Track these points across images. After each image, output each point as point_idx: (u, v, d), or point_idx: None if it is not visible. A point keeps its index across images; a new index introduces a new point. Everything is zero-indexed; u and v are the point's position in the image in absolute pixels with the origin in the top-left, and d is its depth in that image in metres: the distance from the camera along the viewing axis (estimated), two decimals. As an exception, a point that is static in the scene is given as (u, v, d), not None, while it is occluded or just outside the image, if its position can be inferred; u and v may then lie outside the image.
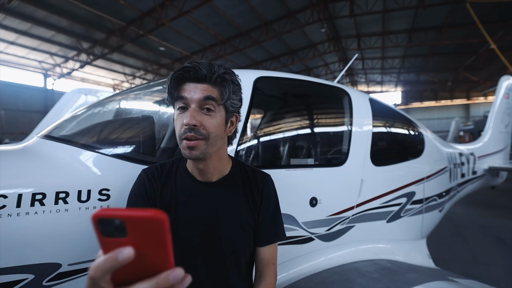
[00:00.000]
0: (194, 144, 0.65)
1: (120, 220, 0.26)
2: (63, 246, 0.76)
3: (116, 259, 0.26)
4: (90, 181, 0.83)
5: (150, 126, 1.12)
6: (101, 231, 0.27)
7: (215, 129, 0.68)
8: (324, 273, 1.17)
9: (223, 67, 0.70)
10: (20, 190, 0.73)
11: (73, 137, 1.11)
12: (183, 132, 0.65)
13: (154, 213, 0.26)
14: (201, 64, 0.67)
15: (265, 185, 0.79)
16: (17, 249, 0.70)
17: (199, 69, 0.66)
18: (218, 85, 0.69)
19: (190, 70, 0.66)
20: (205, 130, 0.66)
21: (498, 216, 4.51)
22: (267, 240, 0.78)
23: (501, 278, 2.49)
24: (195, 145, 0.65)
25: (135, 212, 0.26)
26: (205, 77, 0.67)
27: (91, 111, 1.36)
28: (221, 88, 0.69)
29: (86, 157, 0.93)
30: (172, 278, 0.28)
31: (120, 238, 0.27)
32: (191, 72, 0.66)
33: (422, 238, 1.82)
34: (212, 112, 0.68)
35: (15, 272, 0.69)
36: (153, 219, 0.26)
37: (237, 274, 0.74)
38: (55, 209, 0.75)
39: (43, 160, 0.91)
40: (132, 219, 0.26)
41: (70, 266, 0.76)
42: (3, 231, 0.69)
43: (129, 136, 1.12)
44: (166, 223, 0.27)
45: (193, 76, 0.67)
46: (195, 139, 0.65)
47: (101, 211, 0.26)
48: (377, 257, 1.34)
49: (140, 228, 0.26)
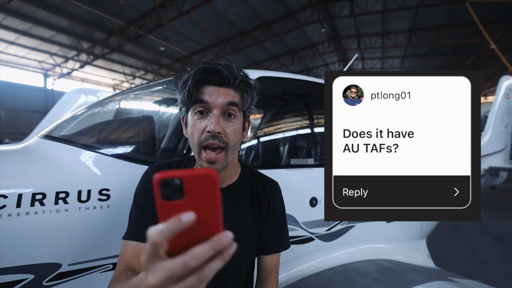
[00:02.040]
0: (215, 159, 0.63)
1: (180, 180, 0.27)
2: (63, 246, 0.76)
3: (181, 222, 0.26)
4: (90, 181, 0.83)
5: (150, 126, 1.12)
6: (161, 194, 0.27)
7: (235, 137, 0.66)
8: (324, 273, 1.17)
9: (242, 71, 0.67)
10: (20, 190, 0.73)
11: (73, 137, 1.11)
12: (204, 139, 0.62)
13: (208, 171, 0.28)
14: (223, 66, 0.64)
15: (273, 194, 0.77)
16: (17, 249, 0.70)
17: (222, 72, 0.63)
18: (240, 90, 0.66)
19: (213, 72, 0.63)
20: (227, 138, 0.63)
21: (498, 216, 4.51)
22: (272, 249, 0.76)
23: (501, 278, 2.49)
24: (216, 159, 0.63)
25: (191, 171, 0.27)
26: (228, 81, 0.64)
27: (91, 111, 1.36)
28: (243, 93, 0.67)
29: (86, 157, 0.93)
30: (225, 240, 0.28)
31: (178, 201, 0.27)
32: (214, 74, 0.63)
33: (422, 238, 1.82)
34: (234, 119, 0.65)
35: (15, 272, 0.69)
36: (208, 176, 0.27)
37: (238, 282, 0.73)
38: (55, 209, 0.75)
39: (43, 160, 0.91)
40: (190, 177, 0.27)
41: (70, 266, 0.76)
42: (3, 231, 0.69)
43: (129, 136, 1.12)
44: (218, 180, 0.28)
45: (215, 79, 0.63)
46: (217, 146, 0.63)
47: (162, 173, 0.27)
48: (377, 257, 1.34)
49: (196, 188, 0.27)
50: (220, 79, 0.63)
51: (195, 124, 0.64)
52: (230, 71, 0.64)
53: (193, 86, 0.62)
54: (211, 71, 0.63)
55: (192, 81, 0.62)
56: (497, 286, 1.07)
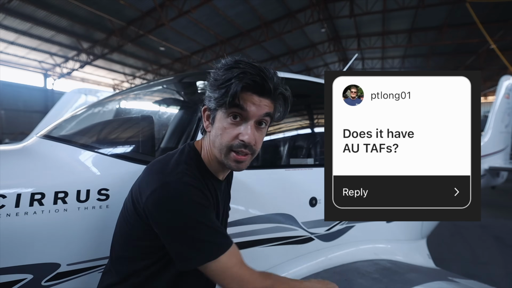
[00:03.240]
0: (244, 159, 0.65)
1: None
2: (62, 246, 0.76)
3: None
4: (89, 181, 0.83)
5: (150, 126, 1.12)
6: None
7: (260, 144, 0.68)
8: (324, 273, 1.16)
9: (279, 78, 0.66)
10: (19, 190, 0.73)
11: (72, 137, 1.10)
12: (236, 146, 0.64)
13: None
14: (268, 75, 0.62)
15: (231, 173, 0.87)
16: (16, 249, 0.70)
17: (267, 81, 0.62)
18: (276, 101, 0.67)
19: (259, 82, 0.61)
20: (255, 147, 0.65)
21: (498, 216, 4.51)
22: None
23: (501, 278, 2.49)
24: (245, 160, 0.65)
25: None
26: (270, 91, 0.63)
27: (90, 111, 1.36)
28: (277, 105, 0.68)
29: (85, 157, 0.92)
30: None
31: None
32: (259, 84, 0.61)
33: (422, 238, 1.81)
34: (264, 127, 0.67)
35: (14, 272, 0.69)
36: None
37: None
38: (54, 209, 0.75)
39: (42, 160, 0.91)
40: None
41: (69, 266, 0.76)
42: (2, 231, 0.68)
43: (129, 136, 1.12)
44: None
45: (259, 88, 0.62)
46: (246, 154, 0.65)
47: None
48: (377, 257, 1.34)
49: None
50: (263, 88, 0.62)
51: (227, 128, 0.64)
52: (272, 81, 0.63)
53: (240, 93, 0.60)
54: (258, 79, 0.61)
55: (239, 87, 0.59)
56: (497, 286, 1.06)
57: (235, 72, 0.60)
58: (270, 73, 0.63)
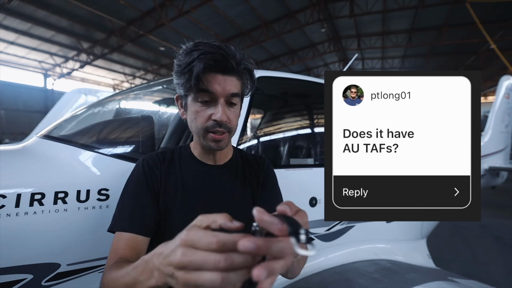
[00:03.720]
0: (222, 138, 0.66)
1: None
2: (62, 246, 0.76)
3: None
4: (89, 181, 0.83)
5: (150, 126, 1.12)
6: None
7: (235, 121, 0.69)
8: (324, 273, 1.16)
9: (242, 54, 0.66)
10: (19, 190, 0.73)
11: (72, 137, 1.10)
12: (210, 126, 0.65)
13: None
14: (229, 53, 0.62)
15: (265, 162, 0.83)
16: (16, 249, 0.70)
17: (229, 59, 0.61)
18: (241, 77, 0.67)
19: (220, 60, 0.61)
20: (230, 124, 0.67)
21: (498, 216, 4.51)
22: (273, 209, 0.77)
23: (501, 278, 2.49)
24: (222, 138, 0.66)
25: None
26: (233, 68, 0.63)
27: (90, 111, 1.36)
28: (244, 80, 0.68)
29: (85, 157, 0.92)
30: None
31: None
32: (221, 62, 0.61)
33: (422, 238, 1.81)
34: (235, 106, 0.68)
35: (14, 272, 0.69)
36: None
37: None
38: (54, 209, 0.75)
39: (42, 160, 0.91)
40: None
41: (69, 266, 0.76)
42: (2, 231, 0.68)
43: (129, 136, 1.12)
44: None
45: (221, 67, 0.62)
46: (222, 133, 0.66)
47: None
48: (377, 257, 1.34)
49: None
50: (225, 66, 0.62)
51: (199, 111, 0.65)
52: (235, 57, 0.63)
53: (201, 73, 0.60)
54: (219, 58, 0.60)
55: (200, 69, 0.59)
56: (497, 286, 1.06)
57: (195, 54, 0.60)
58: (231, 50, 0.62)
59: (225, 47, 0.62)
